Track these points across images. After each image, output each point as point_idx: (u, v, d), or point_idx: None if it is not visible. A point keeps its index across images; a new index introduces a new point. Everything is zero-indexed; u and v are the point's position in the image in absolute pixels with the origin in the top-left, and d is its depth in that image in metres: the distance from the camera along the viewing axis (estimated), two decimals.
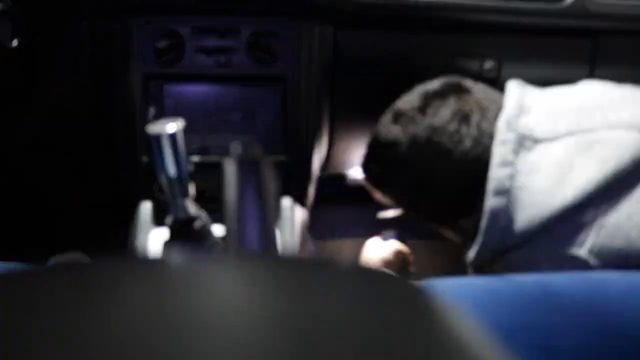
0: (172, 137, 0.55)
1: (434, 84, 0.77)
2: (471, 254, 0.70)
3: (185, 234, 0.60)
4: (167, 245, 0.67)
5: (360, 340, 0.12)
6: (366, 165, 0.82)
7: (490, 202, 0.67)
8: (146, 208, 0.76)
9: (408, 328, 0.13)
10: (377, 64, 0.85)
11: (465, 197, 0.71)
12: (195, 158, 0.74)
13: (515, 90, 0.74)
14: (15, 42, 0.68)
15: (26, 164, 0.90)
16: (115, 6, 0.74)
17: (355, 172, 1.02)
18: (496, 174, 0.68)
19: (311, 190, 0.93)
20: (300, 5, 0.75)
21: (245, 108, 0.78)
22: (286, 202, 0.79)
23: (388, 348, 0.12)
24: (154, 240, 0.71)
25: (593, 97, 0.70)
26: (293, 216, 0.76)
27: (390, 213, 0.94)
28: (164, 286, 0.13)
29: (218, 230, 0.64)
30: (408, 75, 0.87)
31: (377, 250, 0.93)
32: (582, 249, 0.64)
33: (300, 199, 0.83)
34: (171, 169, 0.56)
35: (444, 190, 0.74)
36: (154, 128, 0.55)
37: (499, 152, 0.69)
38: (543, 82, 0.92)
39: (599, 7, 0.84)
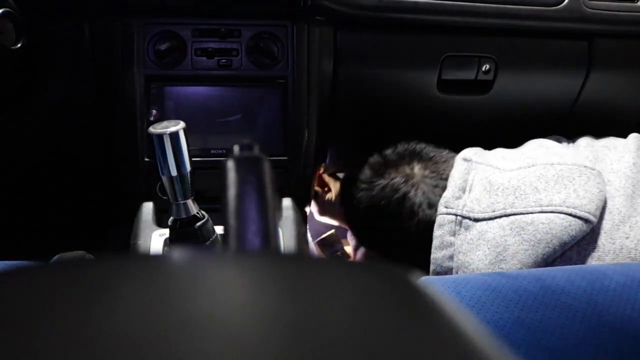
0: (174, 137, 0.55)
1: (390, 155, 0.86)
2: None
3: (186, 233, 0.60)
4: (169, 244, 0.67)
5: (362, 338, 0.12)
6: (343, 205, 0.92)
7: None
8: (148, 208, 0.76)
9: (410, 325, 0.13)
10: (376, 64, 0.85)
11: (422, 256, 0.77)
12: (196, 159, 0.75)
13: (461, 166, 0.78)
14: (19, 44, 0.68)
15: (27, 164, 0.90)
16: (116, 8, 0.74)
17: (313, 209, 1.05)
18: (435, 256, 0.74)
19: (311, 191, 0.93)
20: (300, 7, 0.76)
21: (246, 109, 0.78)
22: (286, 202, 0.79)
23: (391, 345, 0.12)
24: (156, 240, 0.71)
25: (530, 181, 0.72)
26: (293, 216, 0.77)
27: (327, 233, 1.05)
28: (164, 284, 0.13)
29: (219, 230, 0.65)
30: (407, 75, 0.87)
31: None
32: None
33: (300, 199, 0.83)
34: (173, 169, 0.56)
35: (402, 250, 0.82)
36: (156, 129, 0.55)
37: (438, 234, 0.74)
38: (539, 84, 0.93)
39: (594, 11, 0.84)
